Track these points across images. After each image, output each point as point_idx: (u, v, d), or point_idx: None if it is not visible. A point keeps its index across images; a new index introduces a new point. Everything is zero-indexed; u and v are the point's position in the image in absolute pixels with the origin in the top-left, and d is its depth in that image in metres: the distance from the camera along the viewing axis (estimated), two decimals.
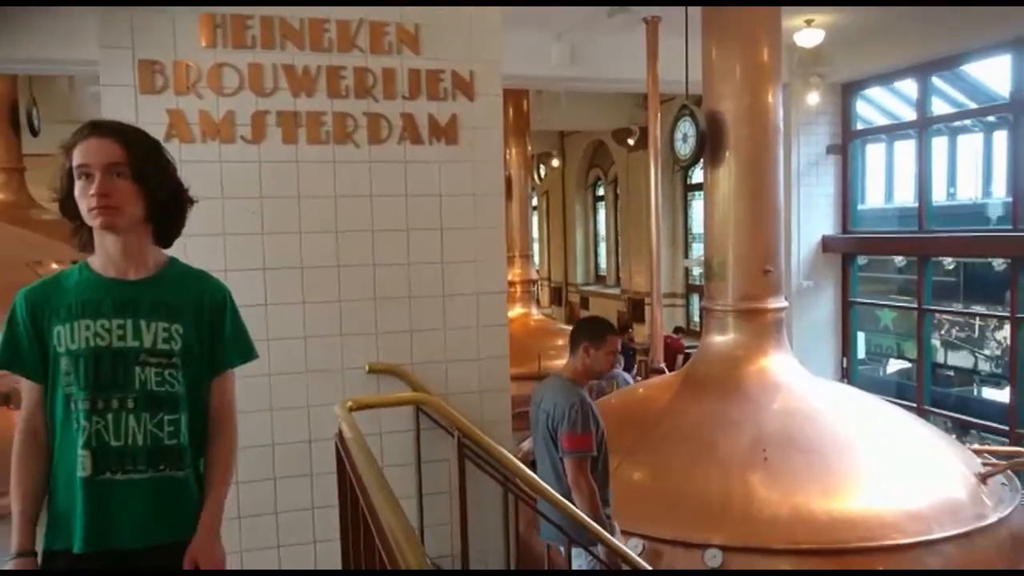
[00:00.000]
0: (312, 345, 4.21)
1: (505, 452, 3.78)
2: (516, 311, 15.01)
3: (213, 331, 2.32)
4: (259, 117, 4.29)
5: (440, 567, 3.96)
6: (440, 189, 4.23)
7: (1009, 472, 6.95)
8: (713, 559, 5.81)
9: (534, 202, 23.29)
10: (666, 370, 9.53)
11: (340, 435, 3.02)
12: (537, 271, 19.86)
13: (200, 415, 2.31)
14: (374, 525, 2.09)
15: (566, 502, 3.36)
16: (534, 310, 15.29)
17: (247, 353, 2.41)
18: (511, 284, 15.16)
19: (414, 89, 4.40)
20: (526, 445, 8.80)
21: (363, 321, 4.20)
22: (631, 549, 5.07)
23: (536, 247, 23.00)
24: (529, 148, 15.24)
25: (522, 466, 3.87)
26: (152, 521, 2.18)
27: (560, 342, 14.06)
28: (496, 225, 4.36)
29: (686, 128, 8.27)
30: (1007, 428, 9.41)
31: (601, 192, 20.28)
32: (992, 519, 6.25)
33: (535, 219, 23.54)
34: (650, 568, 3.76)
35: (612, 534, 3.65)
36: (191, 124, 4.21)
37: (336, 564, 3.45)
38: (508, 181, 15.27)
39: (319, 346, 4.22)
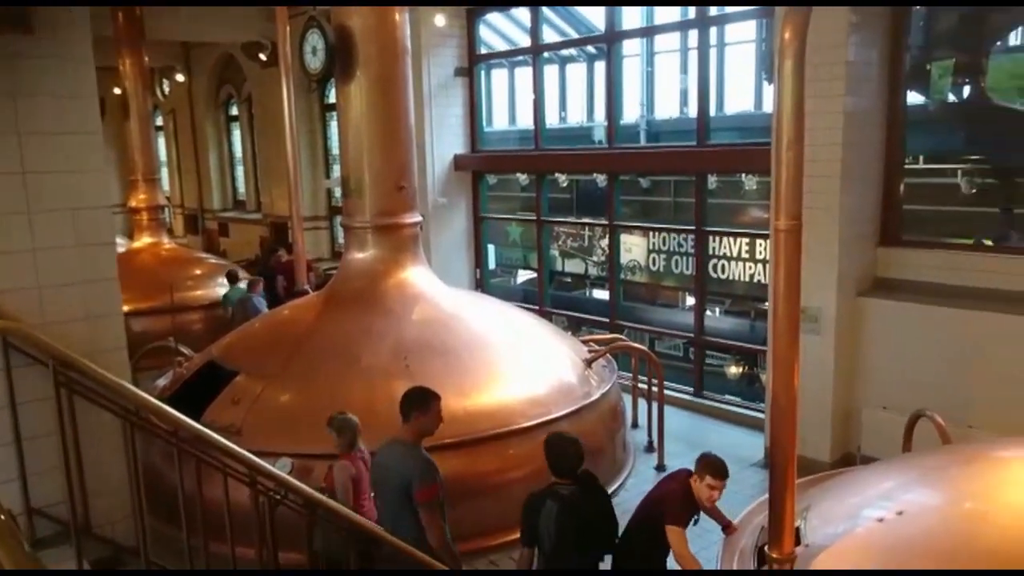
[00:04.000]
0: None
1: (122, 381, 3.44)
2: (144, 240, 13.72)
3: None
4: None
5: (53, 516, 3.52)
6: (14, 86, 3.56)
7: (609, 355, 8.16)
8: None
9: (159, 121, 21.14)
10: (310, 291, 9.43)
11: None
12: (167, 197, 18.20)
13: None
14: None
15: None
16: (165, 239, 14.08)
17: None
18: (136, 211, 13.77)
19: None
20: (162, 381, 8.21)
21: None
22: (280, 469, 5.04)
23: (165, 171, 21.02)
24: (146, 60, 13.69)
25: (145, 395, 3.57)
26: None
27: (198, 271, 13.18)
28: (93, 131, 3.78)
29: (315, 41, 8.08)
30: (608, 320, 11.00)
31: (235, 111, 18.97)
32: (596, 396, 7.31)
33: (161, 140, 21.43)
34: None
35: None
36: None
37: None
38: (123, 96, 13.63)
39: None
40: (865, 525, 3.65)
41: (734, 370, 10.47)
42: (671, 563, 4.33)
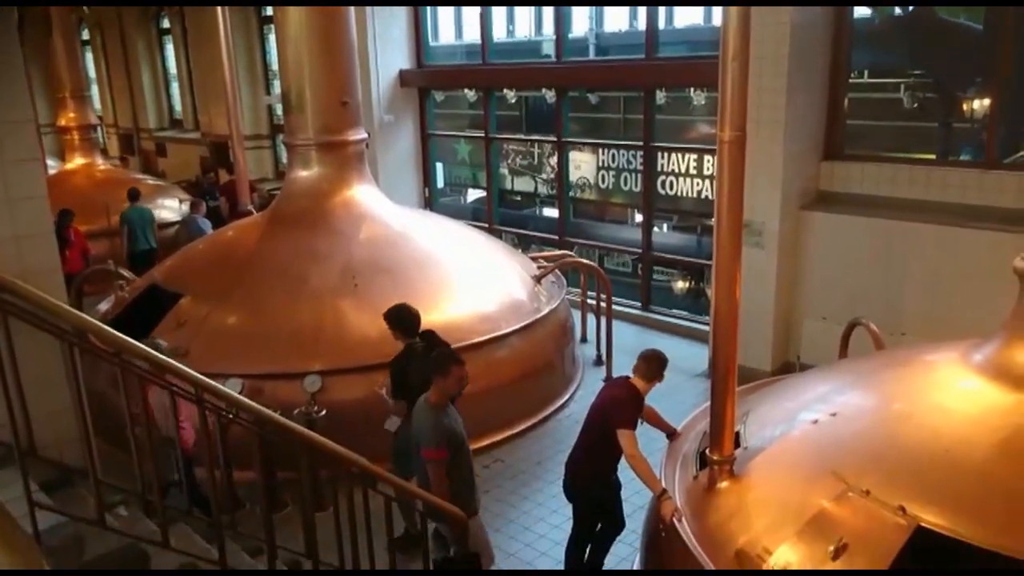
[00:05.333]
0: None
1: (59, 303, 3.34)
2: (77, 161, 13.21)
3: None
4: None
5: None
6: None
7: (557, 271, 8.22)
8: (312, 384, 6.03)
9: (85, 36, 20.04)
10: (254, 212, 9.23)
11: None
12: (99, 116, 17.40)
13: None
14: None
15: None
16: (99, 159, 13.56)
17: None
18: (66, 130, 13.21)
19: None
20: (104, 306, 8.04)
21: None
22: (231, 388, 5.02)
23: (96, 89, 20.04)
24: None
25: (84, 316, 3.48)
26: None
27: None
28: (10, 51, 3.56)
29: None
30: (557, 237, 11.04)
31: (166, 24, 18.04)
32: (545, 311, 7.39)
33: (89, 56, 20.35)
34: None
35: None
36: None
37: None
38: (44, 9, 12.86)
39: None
40: (800, 427, 3.81)
41: (681, 285, 10.65)
42: (622, 465, 4.48)
